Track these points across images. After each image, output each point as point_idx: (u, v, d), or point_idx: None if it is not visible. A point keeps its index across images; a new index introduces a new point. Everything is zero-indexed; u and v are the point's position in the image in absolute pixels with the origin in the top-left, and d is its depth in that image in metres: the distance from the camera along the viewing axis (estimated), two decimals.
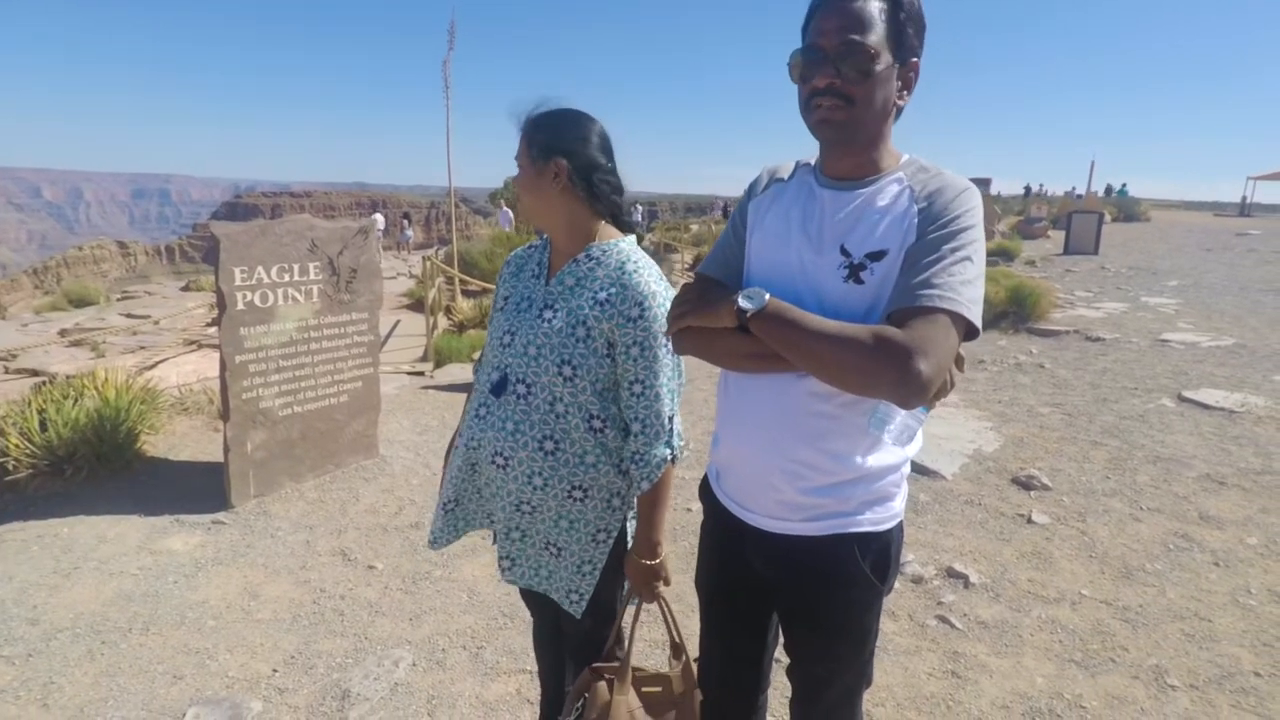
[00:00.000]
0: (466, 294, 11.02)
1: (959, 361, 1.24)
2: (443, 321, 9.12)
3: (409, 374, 6.88)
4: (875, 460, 1.26)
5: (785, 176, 1.37)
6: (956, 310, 1.11)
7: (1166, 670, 2.57)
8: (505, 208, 20.39)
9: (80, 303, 13.17)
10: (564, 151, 1.52)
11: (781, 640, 1.49)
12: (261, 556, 3.33)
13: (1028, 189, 43.19)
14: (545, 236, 1.67)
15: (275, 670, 2.56)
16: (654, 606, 1.66)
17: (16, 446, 3.81)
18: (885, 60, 1.16)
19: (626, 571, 1.61)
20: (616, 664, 1.64)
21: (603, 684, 1.60)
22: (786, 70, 1.25)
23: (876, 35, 1.15)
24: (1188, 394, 5.87)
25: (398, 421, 5.18)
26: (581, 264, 1.55)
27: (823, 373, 1.14)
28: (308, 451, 4.11)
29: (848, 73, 1.15)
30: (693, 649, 1.67)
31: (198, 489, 3.97)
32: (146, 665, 2.56)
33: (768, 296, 1.18)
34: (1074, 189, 44.68)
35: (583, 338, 1.49)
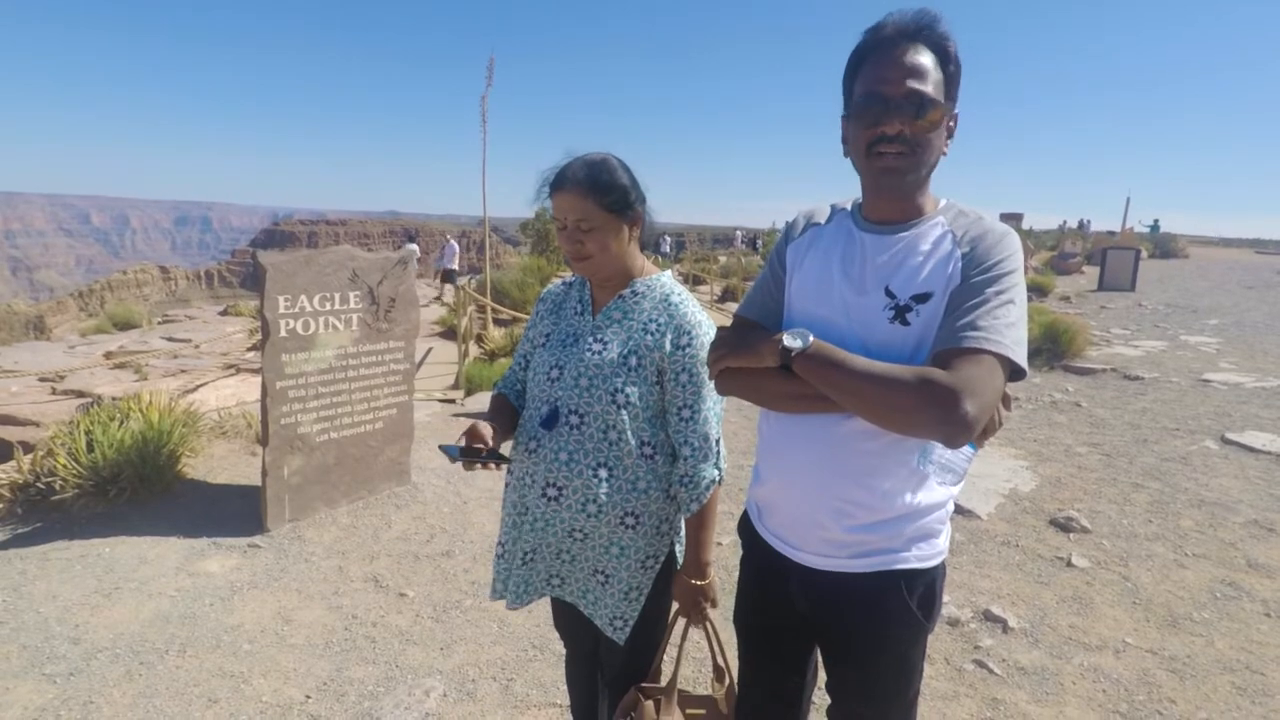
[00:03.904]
0: (498, 322, 11.16)
1: (1006, 401, 1.25)
2: (474, 349, 9.23)
3: (440, 401, 6.96)
4: (923, 497, 1.27)
5: (822, 220, 1.40)
6: (1001, 352, 1.13)
7: None
8: (451, 241, 20.10)
9: (124, 325, 13.53)
10: (640, 201, 1.60)
11: (822, 680, 1.48)
12: (295, 581, 3.37)
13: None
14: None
15: (308, 696, 2.57)
16: (693, 631, 1.68)
17: (64, 467, 3.92)
18: (944, 109, 1.21)
19: (675, 593, 1.65)
20: (663, 685, 1.65)
21: (650, 704, 1.61)
22: (841, 120, 1.28)
23: (933, 85, 1.20)
24: (1232, 436, 5.71)
25: (429, 448, 5.23)
26: (628, 299, 1.62)
27: (867, 413, 1.16)
28: (342, 477, 4.17)
29: (915, 121, 1.19)
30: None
31: (234, 512, 4.04)
32: (183, 688, 2.60)
33: (812, 337, 1.20)
34: (1065, 222, 41.89)
35: (634, 367, 1.55)
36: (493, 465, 1.53)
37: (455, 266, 18.62)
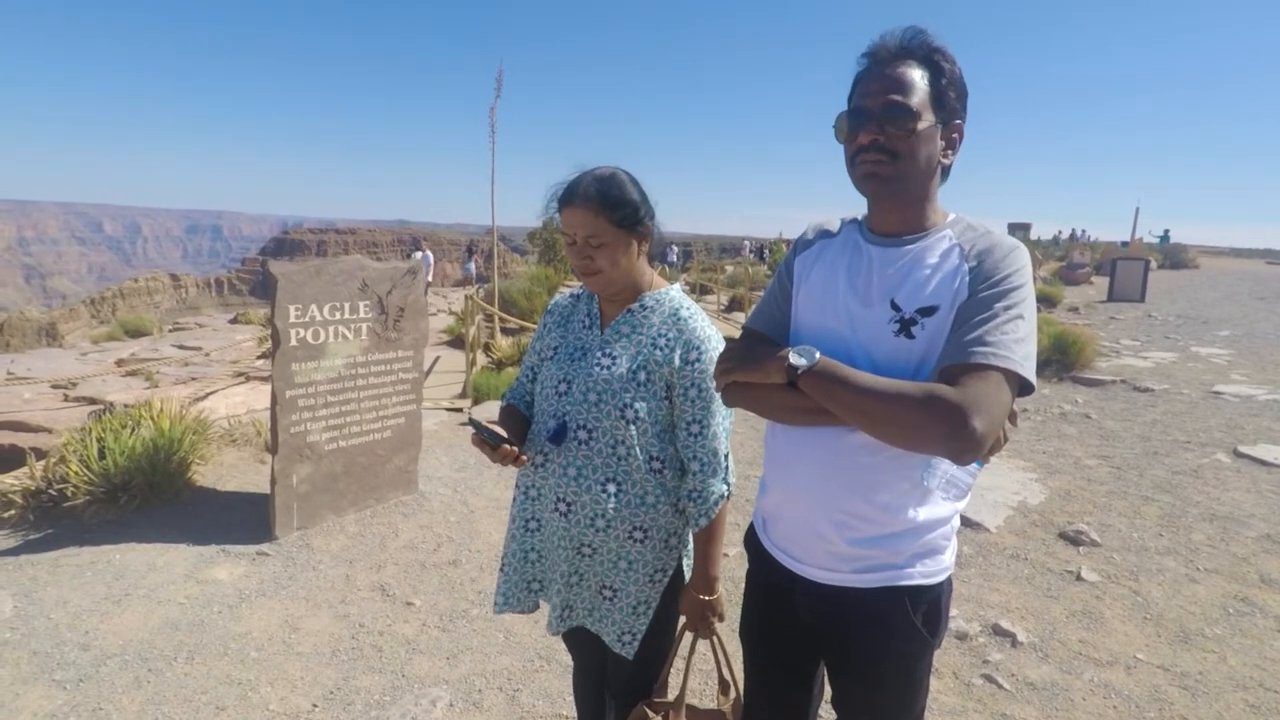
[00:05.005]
0: (505, 331, 11.18)
1: (1012, 417, 1.25)
2: (481, 358, 9.26)
3: (448, 410, 6.98)
4: (926, 513, 1.26)
5: (832, 231, 1.41)
6: (1009, 368, 1.12)
7: None
8: (427, 251, 20.44)
9: (135, 333, 13.64)
10: (650, 216, 1.60)
11: (828, 695, 1.48)
12: (303, 589, 3.38)
13: None
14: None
15: (315, 705, 2.58)
16: (699, 645, 1.67)
17: (76, 474, 3.96)
18: (927, 120, 1.21)
19: (682, 607, 1.65)
20: (670, 699, 1.65)
21: (658, 718, 1.61)
22: (832, 132, 1.30)
23: (918, 97, 1.21)
24: (1244, 449, 5.67)
25: (436, 458, 5.25)
26: (636, 313, 1.62)
27: (875, 429, 1.16)
28: (349, 486, 4.19)
29: (890, 129, 1.20)
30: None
31: (243, 520, 4.06)
32: (191, 695, 2.61)
33: (819, 354, 1.20)
34: (1061, 231, 41.99)
35: (643, 382, 1.55)
36: (508, 448, 1.54)
37: (429, 278, 19.06)
